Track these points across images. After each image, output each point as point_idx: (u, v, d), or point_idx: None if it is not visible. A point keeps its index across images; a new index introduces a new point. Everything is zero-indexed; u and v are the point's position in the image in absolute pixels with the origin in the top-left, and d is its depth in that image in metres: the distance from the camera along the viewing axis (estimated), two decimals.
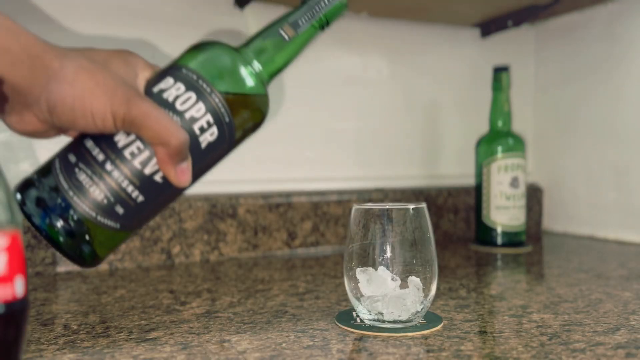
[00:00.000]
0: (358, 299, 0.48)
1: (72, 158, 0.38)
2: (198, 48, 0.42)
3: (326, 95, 0.93)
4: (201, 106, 0.39)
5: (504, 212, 0.89)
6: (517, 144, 0.89)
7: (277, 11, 0.88)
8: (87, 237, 0.37)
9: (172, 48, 0.81)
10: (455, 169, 1.05)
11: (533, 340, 0.44)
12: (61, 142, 0.40)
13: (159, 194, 0.39)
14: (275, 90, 0.89)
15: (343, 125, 0.95)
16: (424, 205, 0.49)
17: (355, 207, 0.49)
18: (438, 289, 0.59)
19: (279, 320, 0.50)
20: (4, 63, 0.33)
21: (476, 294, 0.59)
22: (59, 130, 0.38)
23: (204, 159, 0.40)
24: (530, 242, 0.94)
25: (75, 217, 0.37)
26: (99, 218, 0.37)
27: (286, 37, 0.43)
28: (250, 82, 0.41)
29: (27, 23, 0.36)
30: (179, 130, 0.36)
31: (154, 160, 0.37)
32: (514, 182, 0.88)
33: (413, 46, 1.01)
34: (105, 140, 0.37)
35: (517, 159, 0.88)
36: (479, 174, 0.92)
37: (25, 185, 0.38)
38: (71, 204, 0.36)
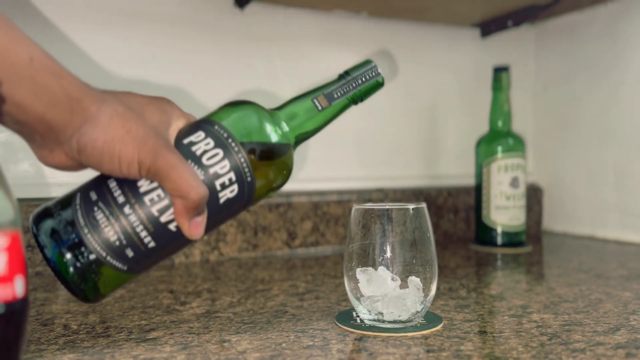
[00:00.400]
0: (358, 299, 0.48)
1: (94, 196, 0.38)
2: (233, 106, 0.43)
3: None
4: (226, 163, 0.40)
5: (504, 212, 0.89)
6: (517, 144, 0.89)
7: (277, 11, 0.89)
8: (93, 276, 0.38)
9: (173, 48, 0.82)
10: (455, 169, 1.05)
11: (533, 340, 0.44)
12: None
13: (170, 242, 0.39)
14: (275, 90, 0.89)
15: (343, 125, 0.95)
16: (424, 205, 0.49)
17: (355, 207, 0.49)
18: (438, 289, 0.59)
19: (279, 320, 0.50)
20: (44, 104, 0.34)
21: (476, 294, 0.59)
22: (84, 166, 0.39)
23: (220, 214, 0.41)
24: (530, 242, 0.94)
25: (85, 255, 0.37)
26: (109, 258, 0.37)
27: (319, 107, 0.44)
28: (276, 144, 0.42)
29: (27, 25, 0.36)
30: (200, 185, 0.37)
31: (171, 210, 0.38)
32: (514, 182, 0.88)
33: (413, 46, 1.01)
34: (128, 183, 0.38)
35: (517, 159, 0.88)
36: (479, 174, 0.92)
37: (43, 215, 0.38)
38: (84, 240, 0.37)
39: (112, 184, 0.38)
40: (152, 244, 0.38)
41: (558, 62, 1.07)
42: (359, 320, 0.48)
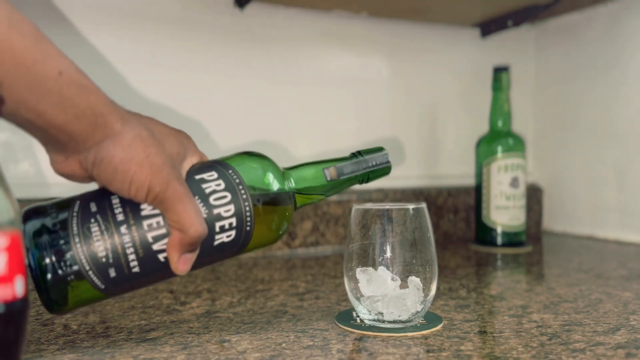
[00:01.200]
0: (358, 299, 0.48)
1: (93, 207, 0.38)
2: (250, 155, 0.44)
3: (326, 95, 0.93)
4: (231, 208, 0.40)
5: (504, 212, 0.89)
6: (517, 144, 0.89)
7: (277, 11, 0.89)
8: (68, 287, 0.37)
9: (173, 48, 0.82)
10: (455, 169, 1.05)
11: (533, 340, 0.44)
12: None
13: (153, 272, 0.39)
14: (276, 90, 0.89)
15: (343, 125, 0.95)
16: (424, 205, 0.49)
17: (355, 207, 0.49)
18: (438, 289, 0.59)
19: (279, 320, 0.50)
20: (69, 116, 0.34)
21: (476, 294, 0.59)
22: (92, 179, 0.39)
23: (210, 255, 0.41)
24: (530, 242, 0.94)
25: (68, 263, 0.37)
26: (90, 273, 0.37)
27: (328, 177, 0.46)
28: (281, 202, 0.43)
29: None
30: (202, 223, 0.37)
31: (166, 240, 0.38)
32: (514, 182, 0.88)
33: (413, 46, 1.01)
34: (131, 204, 0.38)
35: (517, 159, 0.88)
36: (479, 174, 0.92)
37: (36, 212, 0.38)
38: (72, 249, 0.37)
39: (115, 201, 0.38)
40: (136, 269, 0.38)
41: (558, 62, 1.07)
42: (359, 320, 0.48)
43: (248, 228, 0.41)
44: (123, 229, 0.37)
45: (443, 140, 1.05)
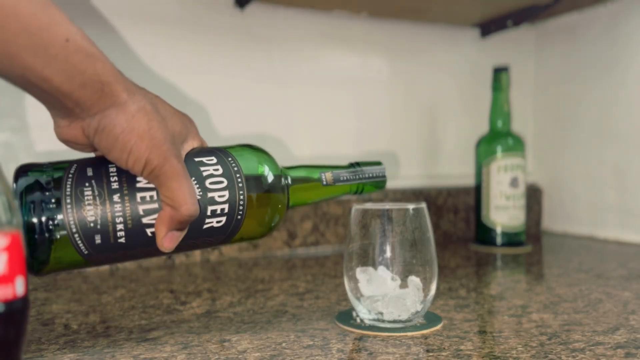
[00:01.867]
0: (358, 299, 0.48)
1: (90, 172, 0.38)
2: (251, 148, 0.45)
3: (326, 95, 0.93)
4: (226, 194, 0.40)
5: (504, 212, 0.89)
6: (516, 144, 0.89)
7: (277, 12, 0.89)
8: (52, 246, 0.37)
9: (173, 48, 0.82)
10: (455, 169, 1.05)
11: (533, 340, 0.44)
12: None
13: (139, 245, 0.39)
14: (276, 90, 0.89)
15: (343, 125, 0.95)
16: (423, 205, 0.49)
17: (355, 207, 0.49)
18: (438, 289, 0.59)
19: (279, 320, 0.50)
20: (76, 84, 0.34)
21: (476, 293, 0.59)
22: (93, 148, 0.39)
23: (197, 238, 0.41)
24: (529, 242, 0.94)
25: (55, 221, 0.36)
26: (76, 237, 0.37)
27: (324, 181, 0.46)
28: (275, 198, 0.44)
29: None
30: (195, 203, 0.37)
31: (156, 215, 0.38)
32: (514, 182, 0.88)
33: (413, 46, 1.01)
34: (128, 174, 0.38)
35: (516, 159, 0.89)
36: (478, 174, 0.92)
37: (31, 168, 0.38)
38: (62, 209, 0.36)
39: (112, 170, 0.38)
40: (122, 240, 0.38)
41: (558, 62, 1.07)
42: (359, 320, 0.48)
43: (239, 217, 0.41)
44: (116, 197, 0.37)
45: (443, 141, 1.05)
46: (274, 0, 0.85)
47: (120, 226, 0.37)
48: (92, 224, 0.37)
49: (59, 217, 0.36)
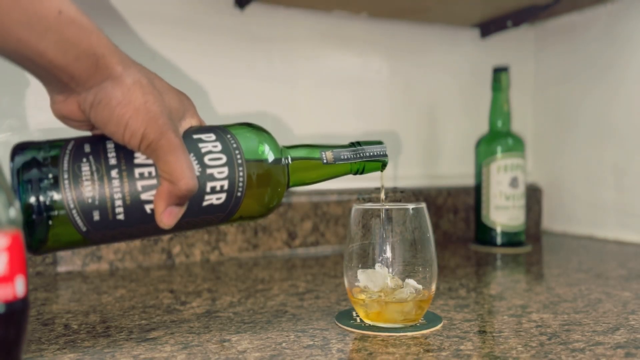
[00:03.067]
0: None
1: (87, 148, 0.38)
2: (250, 126, 0.44)
3: (326, 95, 0.93)
4: (225, 170, 0.40)
5: (504, 212, 0.89)
6: (516, 144, 0.89)
7: (277, 12, 0.89)
8: (49, 222, 0.36)
9: (173, 49, 0.82)
10: (455, 169, 1.06)
11: (532, 340, 0.44)
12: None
13: (137, 223, 0.38)
14: (276, 90, 0.89)
15: (343, 125, 0.95)
16: (423, 205, 0.49)
17: (355, 207, 0.49)
18: (438, 289, 0.59)
19: (279, 320, 0.50)
20: (69, 57, 0.34)
21: (476, 293, 0.59)
22: (90, 126, 0.39)
23: (196, 216, 0.40)
24: (529, 242, 0.94)
25: (53, 198, 0.36)
26: (74, 212, 0.36)
27: (325, 160, 0.46)
28: (274, 177, 0.43)
29: None
30: (193, 177, 0.37)
31: (154, 191, 0.37)
32: (514, 182, 0.88)
33: (413, 46, 1.01)
34: (125, 150, 0.38)
35: (516, 159, 0.89)
36: (478, 174, 0.92)
37: (27, 145, 0.37)
38: (59, 184, 0.36)
39: (110, 145, 0.38)
40: (121, 216, 0.37)
41: (558, 62, 1.07)
42: (358, 320, 0.48)
43: (239, 194, 0.41)
44: (114, 173, 0.37)
45: (443, 140, 1.05)
46: (274, 0, 0.85)
47: (118, 202, 0.37)
48: (90, 200, 0.36)
49: (57, 194, 0.36)
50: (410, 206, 0.48)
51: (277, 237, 0.86)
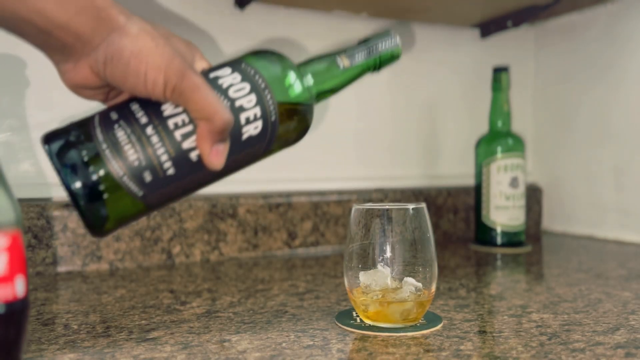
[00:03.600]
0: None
1: (114, 115, 0.37)
2: (260, 52, 0.43)
3: None
4: (253, 98, 0.39)
5: (504, 212, 0.89)
6: (516, 144, 0.89)
7: (278, 12, 0.89)
8: (105, 196, 0.35)
9: None
10: (455, 169, 1.06)
11: (532, 340, 0.44)
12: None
13: (189, 173, 0.38)
14: None
15: (343, 125, 0.95)
16: (423, 205, 0.49)
17: (355, 207, 0.49)
18: (438, 289, 0.59)
19: (279, 320, 0.50)
20: (70, 12, 0.33)
21: (476, 293, 0.59)
22: (107, 89, 0.38)
23: (240, 151, 0.40)
24: (529, 242, 0.94)
25: (101, 172, 0.35)
26: (125, 179, 0.35)
27: (341, 65, 0.45)
28: (300, 92, 0.42)
29: None
30: (225, 109, 0.36)
31: (194, 137, 0.37)
32: (514, 182, 0.88)
33: (413, 47, 1.01)
34: (151, 105, 0.37)
35: (516, 159, 0.89)
36: (478, 174, 0.92)
37: (55, 133, 0.37)
38: (102, 156, 0.35)
39: (135, 106, 0.37)
40: (171, 171, 0.37)
41: (558, 62, 1.07)
42: (359, 320, 0.48)
43: (273, 118, 0.40)
44: (149, 130, 0.36)
45: (443, 140, 1.05)
46: (274, 1, 0.85)
47: (164, 157, 0.36)
48: (136, 162, 0.36)
49: (102, 167, 0.35)
50: (410, 206, 0.48)
51: (277, 237, 0.86)
